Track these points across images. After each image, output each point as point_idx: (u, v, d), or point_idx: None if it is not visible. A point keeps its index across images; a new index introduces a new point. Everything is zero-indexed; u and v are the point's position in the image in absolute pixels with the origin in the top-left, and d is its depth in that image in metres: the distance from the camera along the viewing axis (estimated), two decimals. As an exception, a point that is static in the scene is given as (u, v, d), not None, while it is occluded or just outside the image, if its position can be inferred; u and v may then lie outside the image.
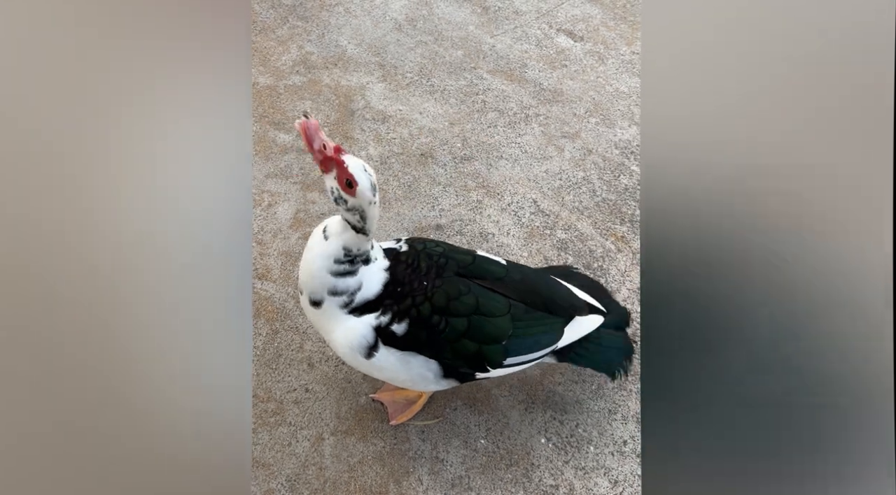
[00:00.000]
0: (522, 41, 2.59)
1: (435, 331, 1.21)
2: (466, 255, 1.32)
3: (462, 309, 1.22)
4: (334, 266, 1.19)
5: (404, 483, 1.42)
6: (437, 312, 1.21)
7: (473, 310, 1.23)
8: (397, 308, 1.21)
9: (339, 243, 1.18)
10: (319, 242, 1.21)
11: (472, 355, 1.24)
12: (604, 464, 1.46)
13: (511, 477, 1.44)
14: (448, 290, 1.23)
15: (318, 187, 2.00)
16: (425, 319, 1.20)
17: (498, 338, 1.25)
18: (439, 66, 2.45)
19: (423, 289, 1.22)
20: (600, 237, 1.92)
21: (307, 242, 1.26)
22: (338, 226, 1.18)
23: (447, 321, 1.21)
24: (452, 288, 1.23)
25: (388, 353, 1.22)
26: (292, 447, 1.46)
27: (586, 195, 2.03)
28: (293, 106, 2.24)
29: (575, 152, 2.16)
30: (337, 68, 2.40)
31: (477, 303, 1.24)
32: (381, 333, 1.21)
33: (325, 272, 1.19)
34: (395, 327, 1.21)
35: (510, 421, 1.52)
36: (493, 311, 1.25)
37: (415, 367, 1.25)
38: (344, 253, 1.18)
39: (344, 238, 1.17)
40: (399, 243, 1.33)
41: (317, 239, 1.22)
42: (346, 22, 2.60)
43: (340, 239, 1.18)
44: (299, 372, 1.58)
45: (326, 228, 1.21)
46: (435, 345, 1.22)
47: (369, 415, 1.52)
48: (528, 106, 2.32)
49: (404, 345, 1.22)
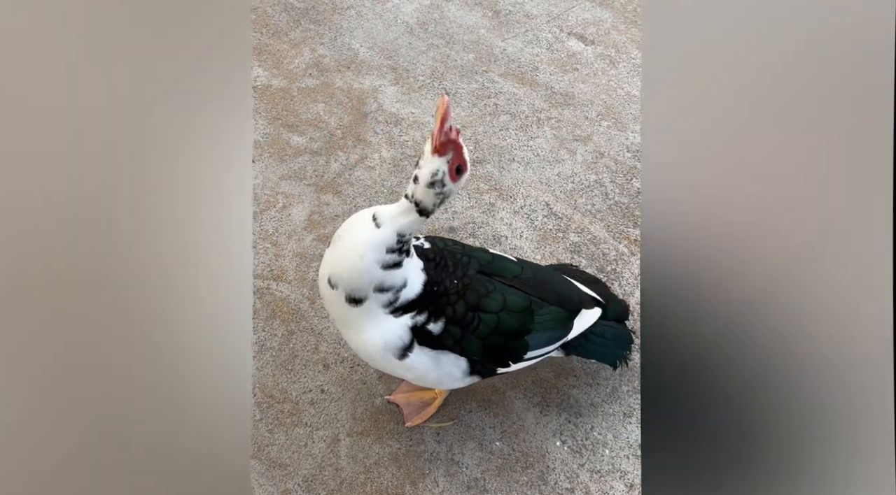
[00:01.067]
0: (533, 45, 2.60)
1: (469, 329, 1.23)
2: (485, 254, 1.36)
3: (492, 305, 1.25)
4: (386, 257, 1.13)
5: (420, 485, 1.42)
6: (470, 310, 1.23)
7: (501, 306, 1.26)
8: (433, 306, 1.21)
9: (393, 229, 1.12)
10: (367, 231, 1.13)
11: (500, 350, 1.28)
12: (619, 468, 1.47)
13: (527, 480, 1.44)
14: (478, 289, 1.25)
15: (331, 189, 2.01)
16: (460, 318, 1.22)
17: (522, 333, 1.29)
18: (451, 69, 2.46)
19: (455, 287, 1.23)
20: (613, 240, 1.92)
21: (343, 234, 1.18)
22: (395, 210, 1.13)
23: (480, 318, 1.24)
24: (481, 286, 1.26)
25: (421, 353, 1.23)
26: (308, 448, 1.47)
27: (599, 198, 2.04)
28: (306, 108, 2.25)
29: (587, 155, 2.17)
30: (349, 71, 2.41)
31: (504, 300, 1.27)
32: (417, 333, 1.21)
33: (376, 265, 1.13)
34: (431, 326, 1.21)
35: (525, 424, 1.53)
36: (517, 307, 1.29)
37: (445, 366, 1.26)
38: (397, 239, 1.13)
39: (400, 222, 1.12)
40: (420, 240, 1.33)
41: (361, 229, 1.14)
42: (358, 25, 2.61)
43: (395, 223, 1.12)
44: (315, 374, 1.59)
45: (377, 216, 1.13)
46: (466, 342, 1.24)
47: (385, 417, 1.53)
48: (540, 109, 2.32)
49: (438, 343, 1.23)
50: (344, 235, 1.17)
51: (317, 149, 2.12)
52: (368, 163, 2.09)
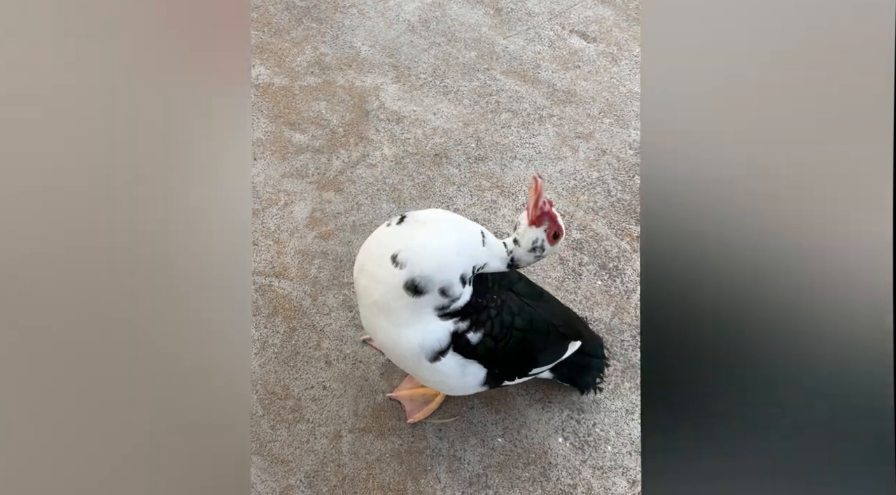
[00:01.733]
0: (535, 42, 2.60)
1: (499, 344, 1.25)
2: (513, 273, 1.38)
3: (522, 325, 1.29)
4: (469, 271, 1.19)
5: (422, 480, 1.42)
6: (505, 327, 1.26)
7: (528, 326, 1.29)
8: (476, 317, 1.22)
9: (487, 259, 1.21)
10: (476, 243, 1.19)
11: (517, 365, 1.33)
12: (621, 464, 1.46)
13: (529, 476, 1.44)
14: (511, 306, 1.29)
15: (333, 187, 2.01)
16: (497, 333, 1.25)
17: (539, 351, 1.34)
18: (453, 67, 2.46)
19: (496, 302, 1.26)
20: (615, 237, 1.92)
21: (442, 217, 1.21)
22: (497, 247, 1.23)
23: (512, 334, 1.27)
24: (514, 304, 1.30)
25: (452, 358, 1.23)
26: (311, 444, 1.47)
27: (601, 195, 2.03)
28: (308, 106, 2.25)
29: (589, 153, 2.17)
30: (351, 69, 2.41)
31: (531, 320, 1.30)
32: (455, 339, 1.21)
33: (459, 271, 1.16)
34: (470, 336, 1.22)
35: (527, 420, 1.53)
36: (541, 328, 1.33)
37: (469, 375, 1.27)
38: (481, 266, 1.21)
39: (494, 261, 1.22)
40: None
41: (473, 239, 1.19)
42: (360, 23, 2.61)
43: (490, 257, 1.21)
44: (317, 370, 1.59)
45: (486, 237, 1.21)
46: (494, 355, 1.26)
47: (387, 413, 1.53)
48: (542, 106, 2.32)
49: (472, 353, 1.24)
50: (439, 225, 1.18)
51: (319, 146, 2.12)
52: (370, 160, 2.09)
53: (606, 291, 1.78)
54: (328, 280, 1.77)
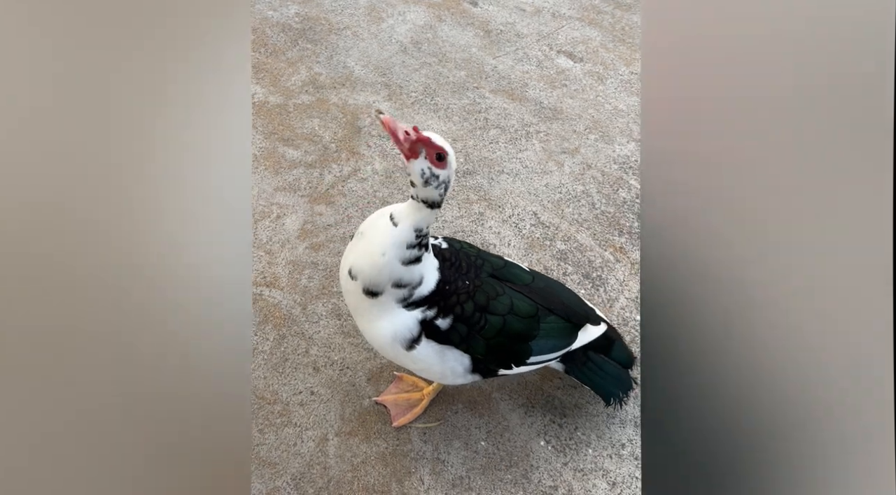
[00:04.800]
0: (524, 62, 2.68)
1: (475, 328, 1.28)
2: (498, 260, 1.42)
3: (499, 308, 1.30)
4: (406, 253, 1.19)
5: (406, 483, 1.45)
6: (478, 310, 1.28)
7: (508, 310, 1.31)
8: (444, 303, 1.26)
9: (410, 225, 1.18)
10: (386, 230, 1.19)
11: (503, 352, 1.33)
12: (602, 466, 1.49)
13: (511, 478, 1.47)
14: (487, 291, 1.30)
15: (324, 200, 2.06)
16: (468, 316, 1.27)
17: (527, 337, 1.34)
18: (443, 85, 2.53)
19: (466, 287, 1.29)
20: (599, 248, 1.97)
21: (365, 231, 1.23)
22: (407, 209, 1.19)
23: (486, 319, 1.28)
24: (491, 289, 1.31)
25: (427, 346, 1.27)
26: (297, 447, 1.50)
27: (585, 208, 2.09)
28: (302, 123, 2.32)
29: (574, 167, 2.22)
30: (344, 88, 2.48)
31: (511, 304, 1.32)
32: (426, 326, 1.26)
33: (397, 261, 1.19)
34: (439, 322, 1.26)
35: (510, 424, 1.56)
36: (523, 312, 1.33)
37: (449, 360, 1.31)
38: (415, 234, 1.19)
39: (415, 218, 1.18)
40: (438, 240, 1.39)
41: (381, 228, 1.20)
42: (354, 44, 2.69)
43: (411, 220, 1.18)
44: (305, 376, 1.63)
45: (393, 215, 1.20)
46: (472, 340, 1.29)
47: (373, 418, 1.56)
48: (529, 123, 2.39)
49: (445, 339, 1.28)
50: (366, 232, 1.23)
51: (311, 161, 2.18)
52: (361, 174, 2.15)
53: (590, 299, 1.82)
54: (318, 289, 1.82)
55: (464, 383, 1.40)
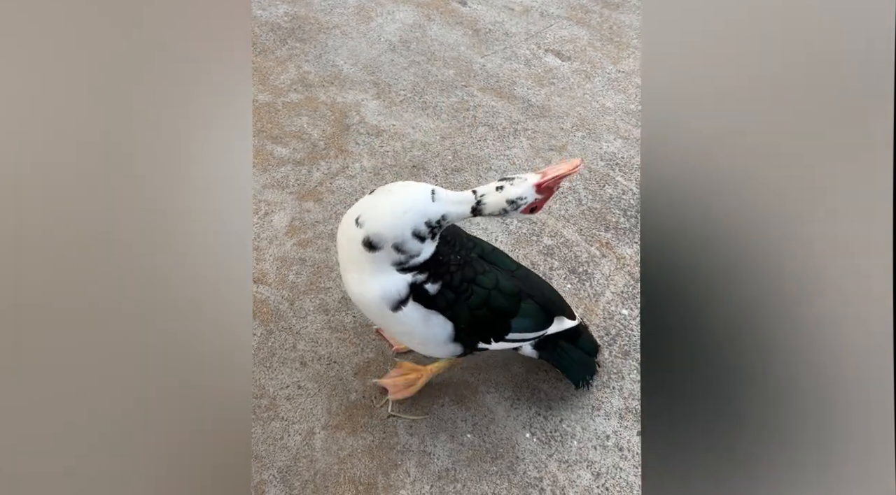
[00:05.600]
0: (512, 61, 2.69)
1: (461, 296, 1.32)
2: (487, 244, 1.49)
3: (485, 282, 1.36)
4: (422, 226, 1.21)
5: (392, 475, 1.46)
6: (466, 281, 1.33)
7: (493, 285, 1.37)
8: (434, 270, 1.30)
9: (444, 210, 1.21)
10: (424, 200, 1.20)
11: (485, 324, 1.38)
12: (586, 458, 1.51)
13: (496, 470, 1.48)
14: (475, 266, 1.37)
15: (312, 197, 2.07)
16: (456, 285, 1.32)
17: (508, 314, 1.40)
18: (432, 84, 2.54)
19: (457, 261, 1.34)
20: (585, 243, 1.98)
21: (396, 189, 1.25)
22: (453, 197, 1.22)
23: (472, 289, 1.34)
24: (479, 265, 1.38)
25: (414, 308, 1.30)
26: (284, 441, 1.51)
27: (572, 204, 2.10)
28: (290, 121, 2.33)
29: (562, 164, 2.24)
30: (333, 86, 2.49)
31: (497, 281, 1.38)
32: (414, 289, 1.29)
33: (409, 227, 1.21)
34: (428, 286, 1.29)
35: (496, 417, 1.57)
36: (507, 290, 1.39)
37: (433, 326, 1.33)
38: (438, 219, 1.21)
39: (451, 208, 1.21)
40: None
41: (417, 193, 1.22)
42: (343, 43, 2.70)
43: (447, 206, 1.21)
44: (292, 371, 1.63)
45: (436, 192, 1.22)
46: (458, 308, 1.33)
47: (359, 411, 1.57)
48: (517, 121, 2.41)
49: (432, 303, 1.31)
50: (396, 190, 1.25)
51: (299, 159, 2.19)
52: (350, 172, 2.16)
53: (576, 294, 1.84)
54: (306, 285, 1.82)
55: (446, 353, 1.43)
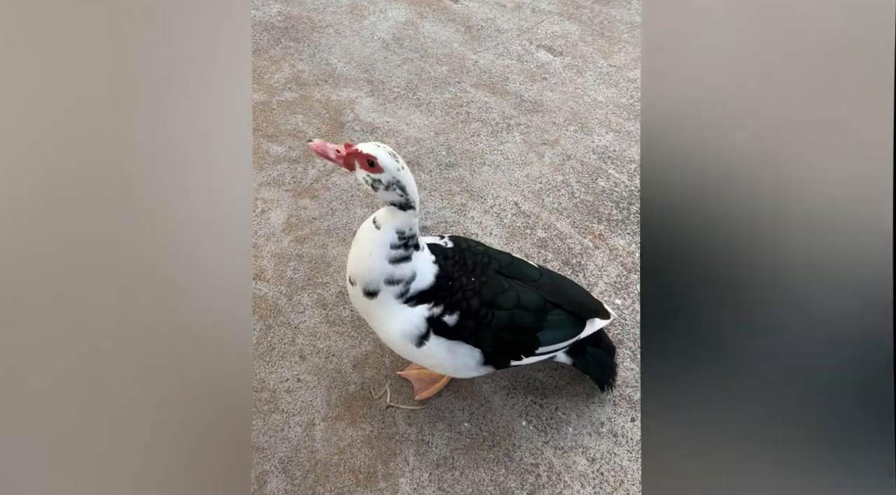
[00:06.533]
0: (504, 57, 2.72)
1: (482, 323, 1.32)
2: (505, 256, 1.46)
3: (506, 303, 1.34)
4: (391, 252, 1.26)
5: (391, 464, 1.49)
6: (485, 305, 1.32)
7: (515, 304, 1.35)
8: (450, 300, 1.30)
9: (392, 227, 1.24)
10: (370, 233, 1.27)
11: (512, 344, 1.37)
12: (582, 444, 1.54)
13: (493, 457, 1.51)
14: (493, 287, 1.34)
15: (308, 194, 2.10)
16: (475, 311, 1.31)
17: (534, 329, 1.38)
18: (425, 81, 2.57)
19: (472, 284, 1.33)
20: (578, 235, 2.01)
21: (357, 237, 1.32)
22: (385, 213, 1.26)
23: (493, 313, 1.32)
24: (497, 284, 1.35)
25: (437, 342, 1.31)
26: (285, 432, 1.53)
27: (565, 197, 2.13)
28: (285, 120, 2.35)
29: (554, 158, 2.27)
30: (327, 85, 2.52)
31: (518, 298, 1.36)
32: (433, 323, 1.30)
33: (383, 260, 1.26)
34: (446, 318, 1.30)
35: (493, 405, 1.60)
36: (531, 306, 1.37)
37: (460, 355, 1.35)
38: (398, 236, 1.25)
39: (394, 222, 1.24)
40: (444, 239, 1.43)
41: (366, 231, 1.29)
42: (336, 42, 2.73)
43: (391, 223, 1.25)
44: (291, 364, 1.66)
45: (375, 219, 1.27)
46: (481, 335, 1.33)
47: (358, 402, 1.60)
48: (510, 116, 2.43)
49: (453, 334, 1.31)
50: (358, 237, 1.32)
51: (295, 157, 2.22)
52: (344, 168, 2.19)
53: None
54: (303, 280, 1.85)
55: (477, 375, 1.44)
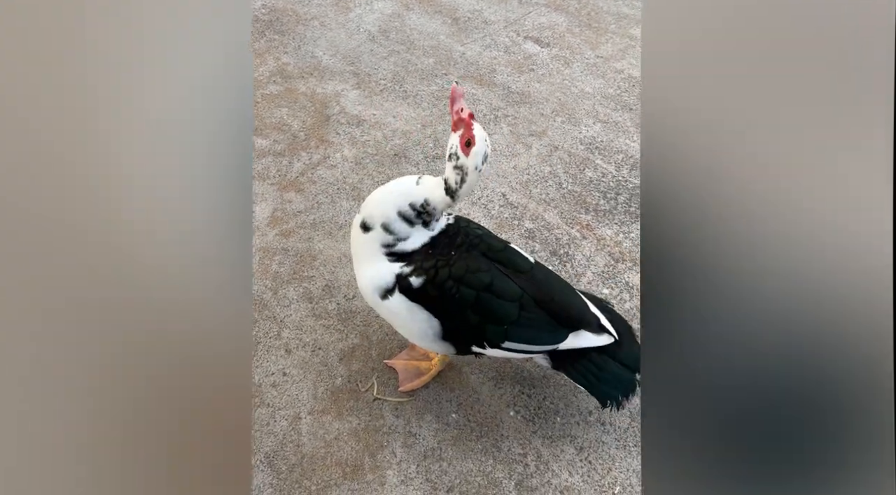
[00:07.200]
0: (491, 48, 2.71)
1: (446, 295, 1.30)
2: (499, 243, 1.40)
3: (475, 283, 1.30)
4: (405, 208, 1.28)
5: (378, 456, 1.48)
6: (453, 279, 1.30)
7: (485, 287, 1.30)
8: (421, 265, 1.31)
9: (424, 193, 1.27)
10: (409, 181, 1.30)
11: (474, 327, 1.32)
12: (570, 433, 1.53)
13: (481, 448, 1.50)
14: (469, 263, 1.31)
15: (294, 188, 2.08)
16: (440, 282, 1.30)
17: (501, 319, 1.31)
18: (412, 73, 2.55)
19: (449, 256, 1.33)
20: (566, 226, 2.00)
21: (397, 179, 1.34)
22: (434, 182, 1.27)
23: (458, 289, 1.30)
24: (473, 262, 1.31)
25: (400, 299, 1.33)
26: (270, 426, 1.52)
27: (552, 188, 2.12)
28: (270, 113, 2.33)
29: (542, 149, 2.26)
30: (313, 77, 2.50)
31: (491, 282, 1.30)
32: (400, 281, 1.32)
33: (394, 207, 1.29)
34: (412, 279, 1.31)
35: (480, 396, 1.59)
36: (504, 295, 1.31)
37: (418, 320, 1.34)
38: (421, 204, 1.27)
39: (433, 192, 1.26)
40: (450, 217, 1.41)
41: (407, 179, 1.31)
42: (322, 34, 2.71)
43: (428, 190, 1.27)
44: (277, 358, 1.65)
45: (422, 178, 1.30)
46: (442, 306, 1.32)
47: (345, 395, 1.58)
48: (498, 107, 2.42)
49: (415, 297, 1.32)
50: (396, 179, 1.35)
51: (280, 150, 2.20)
52: (331, 162, 2.17)
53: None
54: (288, 274, 1.83)
55: (439, 351, 1.43)
